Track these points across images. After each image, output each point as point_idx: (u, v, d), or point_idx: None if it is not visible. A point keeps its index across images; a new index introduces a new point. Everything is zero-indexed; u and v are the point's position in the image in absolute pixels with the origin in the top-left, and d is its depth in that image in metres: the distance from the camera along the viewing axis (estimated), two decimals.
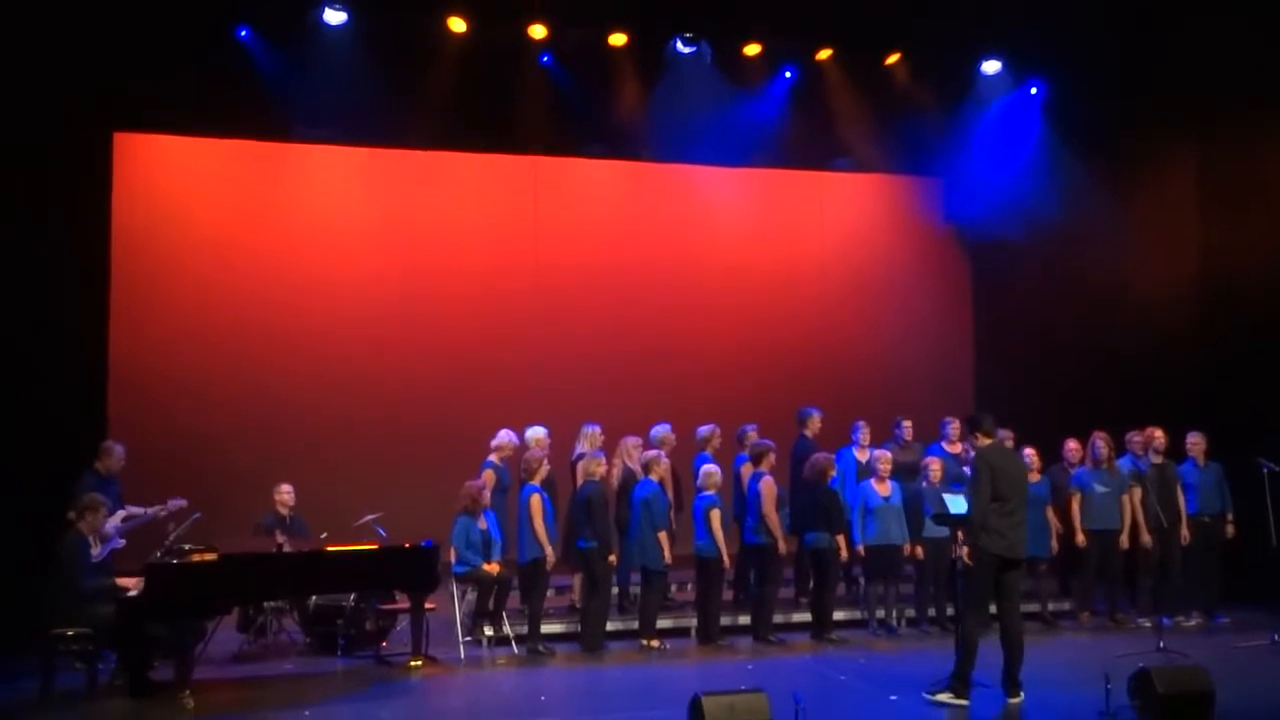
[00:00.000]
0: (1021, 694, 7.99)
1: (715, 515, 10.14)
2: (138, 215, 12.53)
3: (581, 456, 10.54)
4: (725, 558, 10.22)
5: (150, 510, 9.59)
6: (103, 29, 10.92)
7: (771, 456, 10.47)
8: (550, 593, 10.55)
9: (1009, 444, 11.18)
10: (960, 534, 8.46)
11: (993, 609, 8.37)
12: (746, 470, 10.81)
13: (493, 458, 10.57)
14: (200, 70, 11.57)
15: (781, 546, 10.33)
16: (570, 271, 13.98)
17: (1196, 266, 12.91)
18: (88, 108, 11.10)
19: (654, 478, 10.26)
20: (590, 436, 10.75)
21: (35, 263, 10.68)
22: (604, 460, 10.35)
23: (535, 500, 9.88)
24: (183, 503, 9.67)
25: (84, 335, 11.39)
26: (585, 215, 14.25)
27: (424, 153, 13.52)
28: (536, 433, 10.66)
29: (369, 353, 13.23)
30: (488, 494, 10.12)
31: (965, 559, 8.19)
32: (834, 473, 10.55)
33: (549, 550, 9.84)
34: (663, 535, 10.05)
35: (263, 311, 13.05)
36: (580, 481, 10.24)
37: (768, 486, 10.28)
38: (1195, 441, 11.28)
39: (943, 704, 7.91)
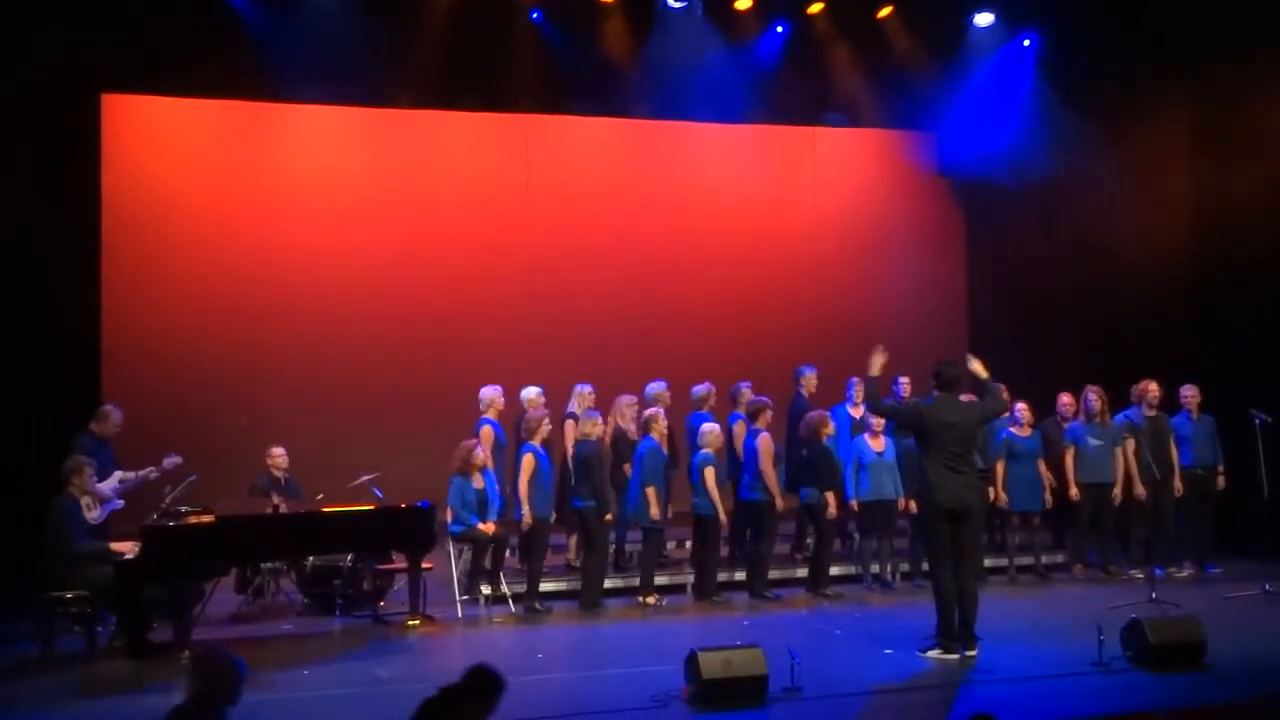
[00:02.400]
0: (977, 648, 8.01)
1: (709, 473, 10.17)
2: (128, 177, 12.45)
3: (571, 415, 10.59)
4: (722, 515, 10.26)
5: (143, 472, 9.60)
6: None
7: (768, 413, 10.48)
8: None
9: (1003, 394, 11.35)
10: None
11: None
12: (739, 428, 10.86)
13: (489, 415, 10.58)
14: (189, 30, 11.50)
15: (779, 503, 10.36)
16: (562, 229, 13.92)
17: (1189, 218, 12.91)
18: (76, 69, 11.00)
19: (654, 435, 10.28)
20: (581, 395, 10.77)
21: (25, 227, 10.63)
22: (599, 419, 10.34)
23: (527, 459, 9.91)
24: (178, 459, 9.68)
25: (77, 298, 11.35)
26: (576, 172, 14.17)
27: (414, 112, 13.43)
28: (529, 393, 10.67)
29: (362, 313, 13.19)
30: (481, 453, 10.12)
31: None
32: (829, 430, 10.55)
33: (526, 510, 9.82)
34: (650, 491, 10.08)
35: (255, 272, 12.99)
36: (575, 440, 10.26)
37: (764, 443, 10.30)
38: (1190, 394, 11.29)
39: (934, 660, 7.96)
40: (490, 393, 10.65)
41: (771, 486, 10.27)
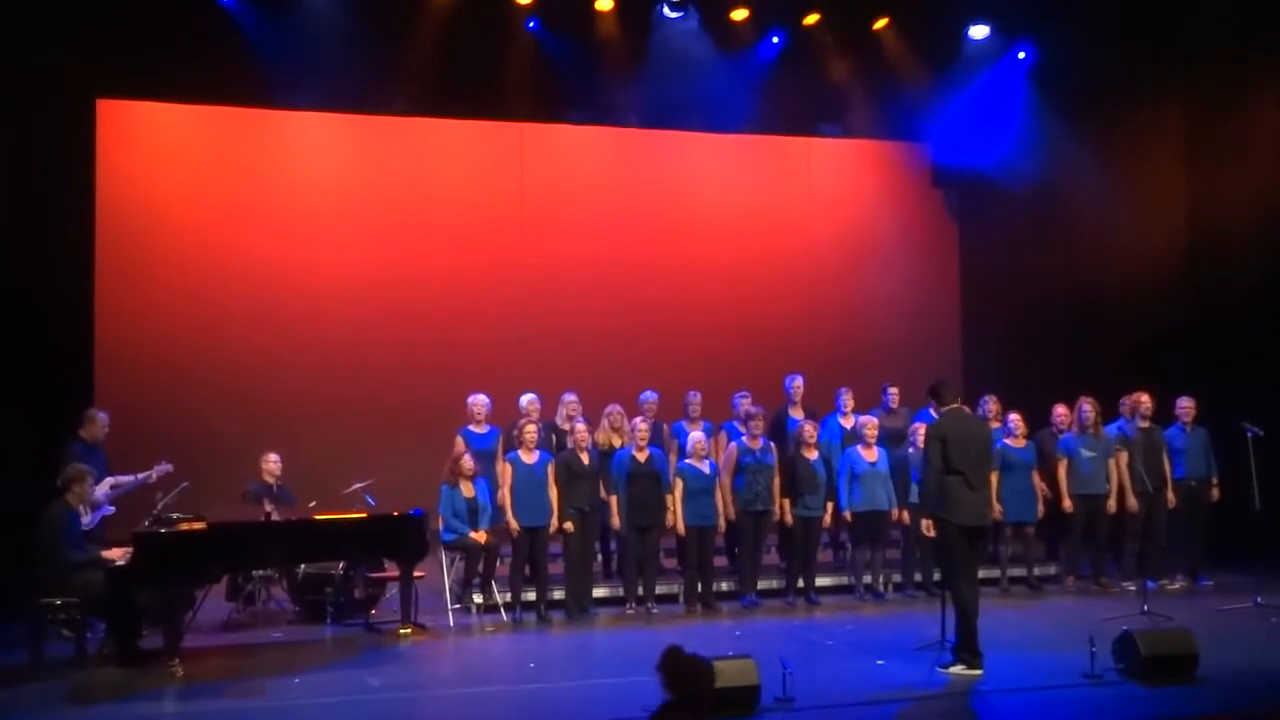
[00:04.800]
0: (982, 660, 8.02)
1: (677, 483, 10.26)
2: (121, 182, 12.45)
3: (554, 423, 10.72)
4: (680, 526, 10.30)
5: (138, 477, 9.61)
6: None
7: (759, 423, 10.50)
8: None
9: (993, 406, 11.34)
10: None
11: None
12: (722, 439, 10.96)
13: (470, 425, 10.65)
14: (183, 36, 11.52)
15: (730, 512, 10.42)
16: (556, 238, 13.94)
17: (1183, 229, 12.96)
18: (70, 74, 10.99)
19: (629, 445, 10.35)
20: (568, 404, 10.80)
21: (19, 231, 10.62)
22: (588, 427, 10.37)
23: (504, 467, 10.04)
24: (168, 467, 9.69)
25: (70, 303, 11.32)
26: (571, 181, 14.19)
27: (409, 119, 13.45)
28: (522, 400, 10.68)
29: (355, 319, 13.19)
30: (467, 461, 10.12)
31: (926, 531, 8.29)
32: (809, 438, 10.57)
33: (509, 518, 9.90)
34: (613, 499, 10.18)
35: (249, 278, 12.99)
36: (567, 447, 10.29)
37: (727, 454, 10.47)
38: (1186, 406, 11.28)
39: (955, 676, 7.87)
40: (468, 400, 10.74)
41: (724, 495, 10.36)
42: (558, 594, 10.22)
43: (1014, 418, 11.11)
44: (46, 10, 10.70)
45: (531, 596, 10.11)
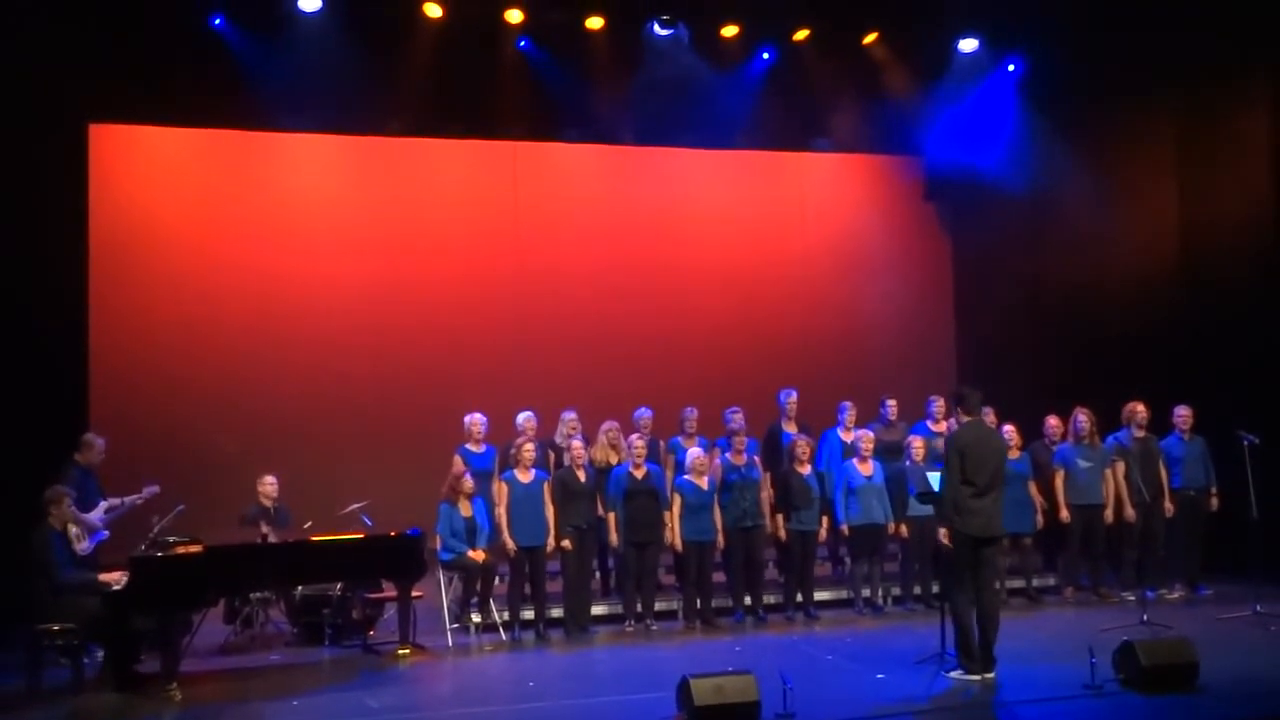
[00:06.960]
0: (995, 670, 8.01)
1: (675, 499, 10.27)
2: (115, 206, 12.46)
3: (553, 441, 10.72)
4: (678, 542, 10.29)
5: (125, 500, 9.60)
6: (76, 18, 10.86)
7: (738, 439, 10.51)
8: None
9: (990, 418, 11.33)
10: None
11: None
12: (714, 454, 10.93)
13: (465, 441, 10.66)
14: (175, 59, 11.52)
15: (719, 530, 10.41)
16: (551, 256, 13.95)
17: (1176, 240, 12.97)
18: (62, 99, 11.00)
19: (627, 461, 10.34)
20: (568, 422, 10.80)
21: (12, 256, 10.62)
22: (584, 444, 10.38)
23: (500, 487, 10.05)
24: (156, 488, 9.71)
25: (64, 327, 11.31)
26: (565, 199, 14.20)
27: (402, 139, 13.46)
28: (518, 418, 10.70)
29: (351, 340, 13.19)
30: (468, 480, 10.12)
31: (943, 540, 8.31)
32: (802, 454, 10.56)
33: (505, 537, 9.90)
34: (610, 516, 10.17)
35: (243, 300, 12.99)
36: (564, 465, 10.29)
37: (713, 470, 10.47)
38: (1184, 415, 11.28)
39: (957, 680, 7.91)
40: (465, 419, 10.75)
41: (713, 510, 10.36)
42: (556, 612, 10.19)
43: (1008, 429, 11.12)
44: (38, 36, 10.71)
45: (530, 615, 10.09)
